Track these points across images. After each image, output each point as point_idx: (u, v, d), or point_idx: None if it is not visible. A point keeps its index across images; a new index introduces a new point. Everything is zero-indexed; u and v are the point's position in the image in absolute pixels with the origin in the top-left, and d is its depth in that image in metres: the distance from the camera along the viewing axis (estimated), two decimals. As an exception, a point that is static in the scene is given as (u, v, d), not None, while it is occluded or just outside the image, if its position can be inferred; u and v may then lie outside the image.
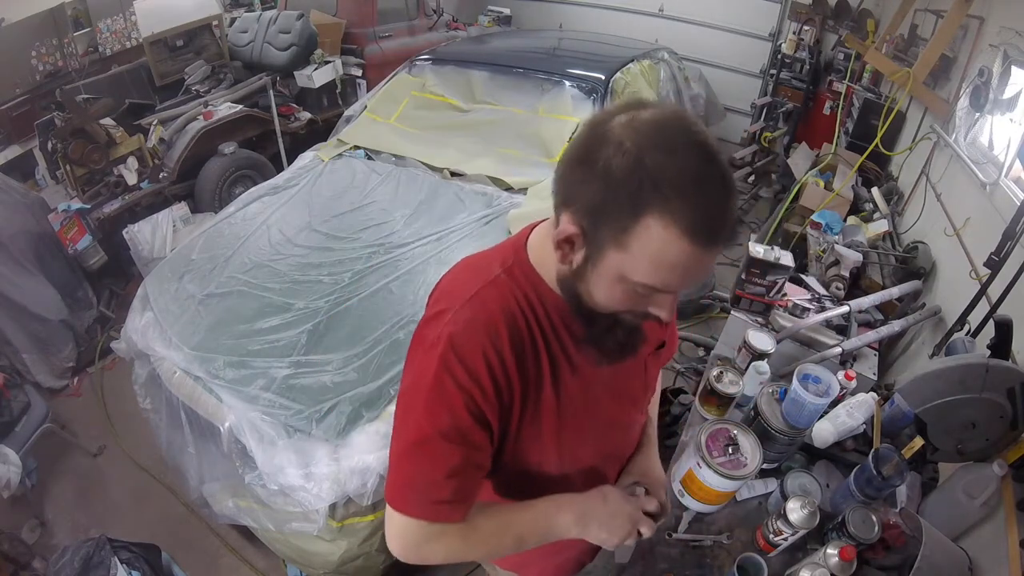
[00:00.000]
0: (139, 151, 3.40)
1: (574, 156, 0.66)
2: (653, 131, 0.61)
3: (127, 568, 1.73)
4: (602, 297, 0.69)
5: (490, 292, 0.75)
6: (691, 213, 0.59)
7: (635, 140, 0.60)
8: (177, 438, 1.99)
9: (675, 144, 0.60)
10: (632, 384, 0.93)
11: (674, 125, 0.62)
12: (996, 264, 1.73)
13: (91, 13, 3.66)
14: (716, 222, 0.61)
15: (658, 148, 0.59)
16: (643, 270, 0.63)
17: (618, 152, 0.60)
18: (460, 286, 0.77)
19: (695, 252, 0.61)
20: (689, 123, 0.62)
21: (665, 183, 0.58)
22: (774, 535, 1.23)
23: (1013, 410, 1.32)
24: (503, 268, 0.77)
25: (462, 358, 0.71)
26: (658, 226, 0.59)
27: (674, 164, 0.59)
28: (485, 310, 0.73)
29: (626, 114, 0.63)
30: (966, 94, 2.45)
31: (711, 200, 0.60)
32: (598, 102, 2.91)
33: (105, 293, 3.40)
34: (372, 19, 4.60)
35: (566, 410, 0.81)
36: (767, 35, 4.92)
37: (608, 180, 0.60)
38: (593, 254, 0.66)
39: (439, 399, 0.72)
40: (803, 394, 1.33)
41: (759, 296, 2.07)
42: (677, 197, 0.58)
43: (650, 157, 0.59)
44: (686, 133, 0.61)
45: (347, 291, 2.06)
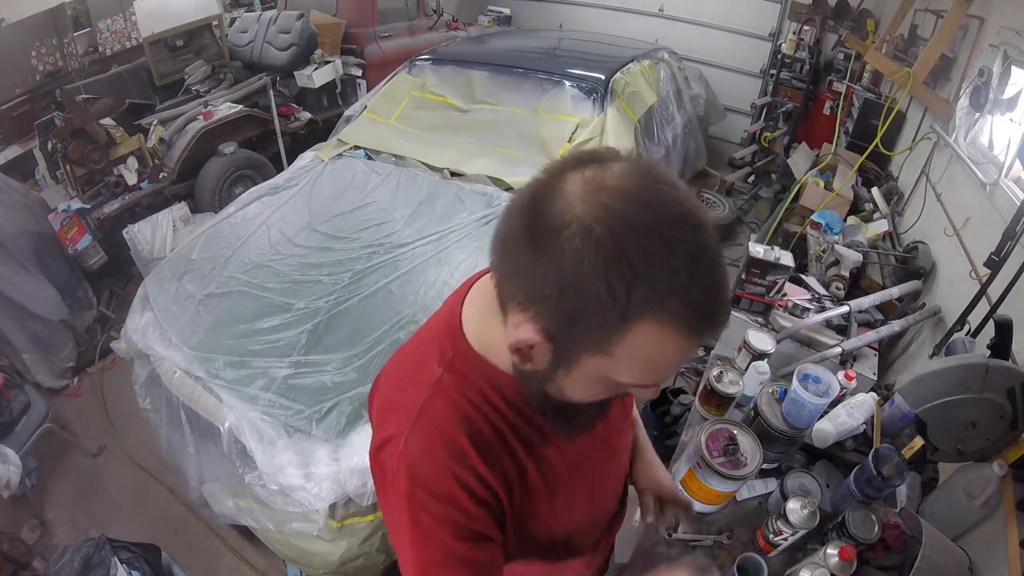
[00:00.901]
0: (139, 151, 3.40)
1: (520, 236, 0.51)
2: (627, 208, 0.48)
3: (127, 568, 1.73)
4: (578, 394, 0.60)
5: (437, 403, 0.65)
6: (688, 309, 0.49)
7: (607, 223, 0.47)
8: (177, 438, 1.99)
9: (659, 223, 0.48)
10: (614, 438, 0.87)
11: (650, 195, 0.50)
12: (996, 264, 1.73)
13: (91, 13, 3.66)
14: (714, 309, 0.52)
15: (639, 233, 0.47)
16: (631, 373, 0.54)
17: (587, 240, 0.47)
18: (402, 397, 0.68)
19: (690, 345, 0.53)
20: (666, 188, 0.51)
21: (657, 281, 0.47)
22: (774, 535, 1.23)
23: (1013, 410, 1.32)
24: (442, 365, 0.66)
25: (431, 491, 0.62)
26: (651, 331, 0.49)
27: (663, 252, 0.48)
28: (437, 429, 0.64)
29: (581, 175, 0.50)
30: (966, 94, 2.45)
31: (708, 287, 0.50)
32: (598, 102, 2.91)
33: (105, 293, 3.40)
34: (372, 19, 4.60)
35: (555, 482, 0.74)
36: (767, 35, 4.92)
37: (582, 281, 0.48)
38: (566, 360, 0.55)
39: (423, 538, 0.64)
40: (803, 394, 1.33)
41: (759, 296, 2.07)
42: (672, 295, 0.48)
43: (632, 248, 0.47)
44: (667, 204, 0.50)
45: (347, 291, 2.06)
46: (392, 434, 0.66)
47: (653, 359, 0.53)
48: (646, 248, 0.47)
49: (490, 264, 0.58)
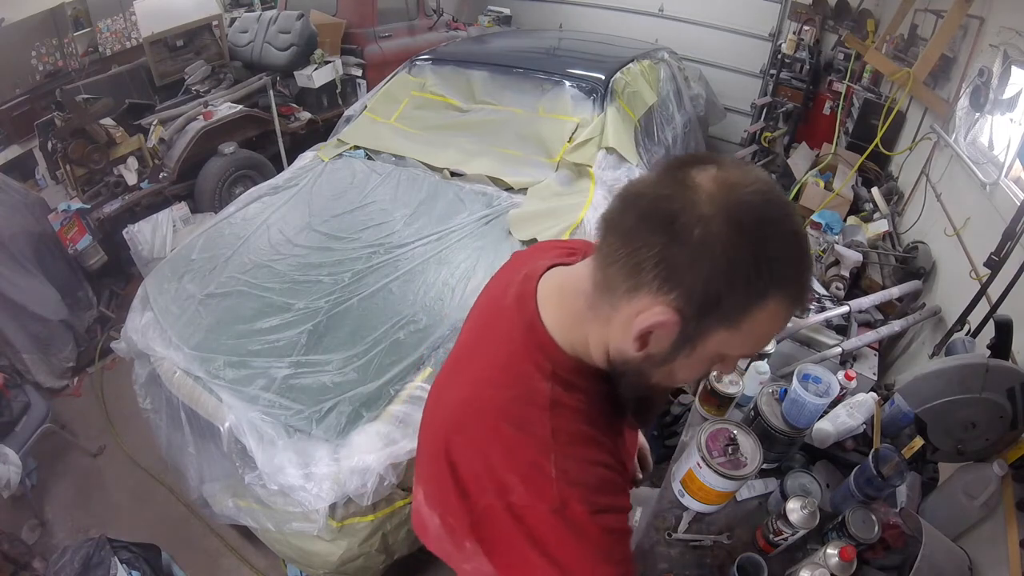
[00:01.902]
0: (139, 151, 3.40)
1: (656, 227, 0.56)
2: (761, 202, 0.57)
3: (127, 568, 1.73)
4: (686, 375, 0.66)
5: (562, 418, 0.65)
6: (800, 292, 0.60)
7: (750, 215, 0.55)
8: (177, 438, 1.99)
9: (783, 216, 0.58)
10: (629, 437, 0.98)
11: (770, 193, 0.58)
12: (996, 264, 1.73)
13: (91, 13, 3.66)
14: (809, 288, 0.65)
15: (773, 224, 0.56)
16: (746, 345, 0.62)
17: (734, 230, 0.54)
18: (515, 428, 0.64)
19: (787, 320, 0.62)
20: (786, 206, 0.60)
21: (785, 266, 0.57)
22: (774, 535, 1.23)
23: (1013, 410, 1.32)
24: (547, 379, 0.66)
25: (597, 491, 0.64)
26: (775, 307, 0.58)
27: (790, 240, 0.58)
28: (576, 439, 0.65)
29: (708, 173, 0.57)
30: (966, 94, 2.45)
31: (809, 269, 0.62)
32: (598, 102, 2.91)
33: (105, 293, 3.40)
34: (372, 19, 4.60)
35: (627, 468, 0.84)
36: (767, 35, 4.92)
37: (730, 265, 0.54)
38: (692, 339, 0.60)
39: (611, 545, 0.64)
40: (803, 394, 1.33)
41: (759, 296, 2.07)
42: (794, 280, 0.59)
43: (770, 237, 0.56)
44: (779, 199, 0.59)
45: (347, 291, 2.06)
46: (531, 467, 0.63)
47: (768, 331, 0.61)
48: (779, 237, 0.57)
49: (602, 260, 0.61)
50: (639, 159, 2.98)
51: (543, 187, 2.58)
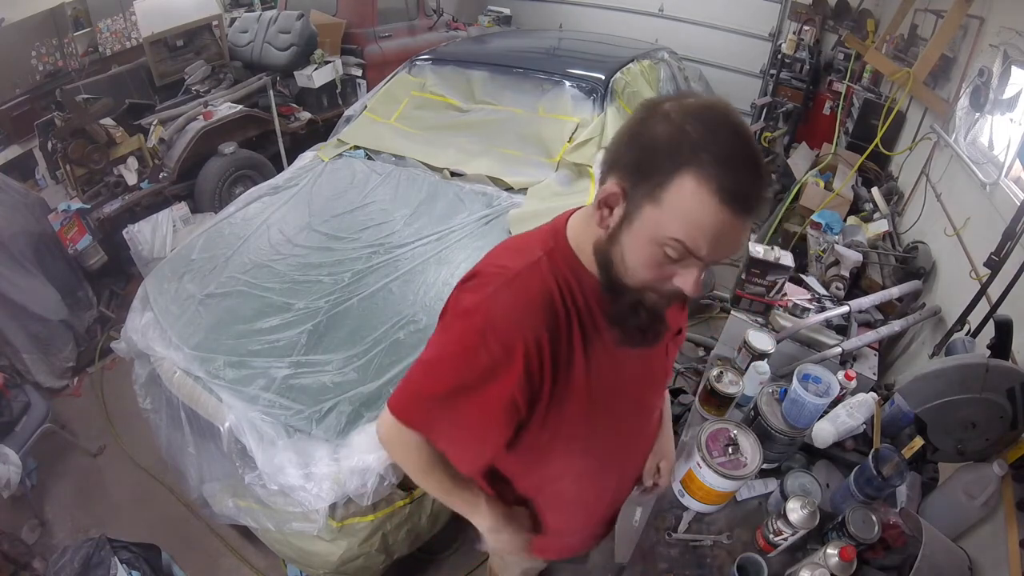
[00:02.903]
0: (139, 151, 3.40)
1: (625, 130, 0.72)
2: (698, 108, 0.67)
3: (127, 568, 1.73)
4: (633, 259, 0.72)
5: (532, 274, 0.78)
6: (723, 177, 0.64)
7: (680, 112, 0.66)
8: (177, 438, 1.99)
9: (716, 121, 0.66)
10: (655, 368, 0.98)
11: (718, 108, 0.68)
12: (996, 264, 1.73)
13: (91, 13, 3.66)
14: (746, 190, 0.65)
15: (700, 121, 0.65)
16: (675, 225, 0.67)
17: (663, 120, 0.67)
18: (505, 261, 0.81)
19: (724, 215, 0.65)
20: (731, 111, 0.68)
21: (702, 147, 0.64)
22: (774, 535, 1.23)
23: (1013, 410, 1.32)
24: (544, 251, 0.81)
25: (500, 336, 0.75)
26: (692, 183, 0.64)
27: (713, 135, 0.65)
28: (526, 292, 0.77)
29: (677, 99, 0.70)
30: (966, 94, 2.45)
31: (743, 171, 0.65)
32: (598, 102, 2.91)
33: (105, 293, 3.39)
34: (372, 19, 4.60)
35: (596, 390, 0.85)
36: (767, 35, 4.92)
37: (652, 143, 0.67)
38: (631, 212, 0.70)
39: (461, 360, 0.77)
40: (803, 394, 1.33)
41: (759, 296, 2.07)
42: (712, 162, 0.64)
43: (692, 126, 0.65)
44: (727, 116, 0.67)
45: (347, 291, 2.06)
46: (486, 277, 0.80)
47: (692, 212, 0.65)
48: (702, 130, 0.65)
49: (601, 162, 0.75)
50: (639, 159, 2.98)
51: (543, 187, 2.58)
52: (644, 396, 0.99)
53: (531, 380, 0.78)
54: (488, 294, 0.77)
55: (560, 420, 0.85)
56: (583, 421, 0.87)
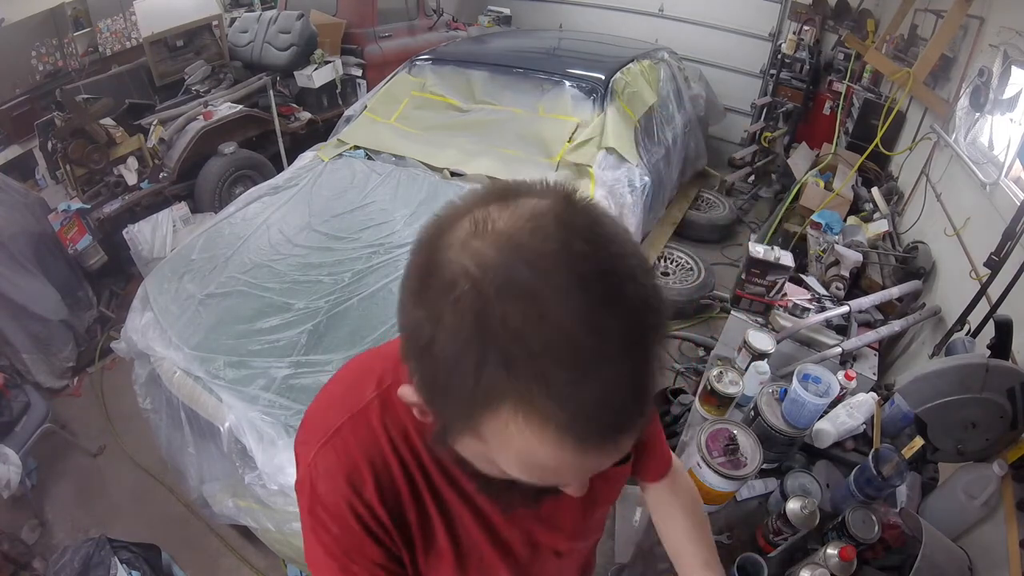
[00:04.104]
0: (139, 151, 3.40)
1: (408, 284, 0.45)
2: (505, 259, 0.38)
3: (127, 568, 1.73)
4: (485, 469, 0.51)
5: (355, 429, 0.60)
6: (562, 409, 0.38)
7: (474, 278, 0.38)
8: (177, 438, 1.99)
9: (542, 283, 0.37)
10: (563, 515, 0.73)
11: (543, 246, 0.38)
12: (996, 264, 1.73)
13: (91, 13, 3.66)
14: (605, 415, 0.39)
15: (510, 292, 0.37)
16: (512, 465, 0.45)
17: (451, 297, 0.39)
18: (328, 409, 0.64)
19: (577, 455, 0.41)
20: (574, 232, 0.39)
21: (518, 363, 0.37)
22: (774, 535, 1.23)
23: (1013, 410, 1.32)
24: (378, 390, 0.61)
25: (329, 512, 0.60)
26: (515, 424, 0.40)
27: (534, 324, 0.37)
28: (346, 457, 0.59)
29: (472, 216, 0.41)
30: (966, 94, 2.45)
31: (597, 387, 0.38)
32: (598, 102, 2.91)
33: (105, 293, 3.40)
34: (372, 19, 4.60)
35: (469, 556, 0.68)
36: (767, 35, 4.92)
37: (442, 348, 0.40)
38: (447, 431, 0.46)
39: (323, 554, 0.61)
40: (803, 394, 1.33)
41: (759, 296, 2.07)
42: (537, 386, 0.37)
43: (497, 310, 0.37)
44: (563, 256, 0.38)
45: (347, 291, 2.06)
46: (308, 432, 0.63)
47: (528, 457, 0.42)
48: (513, 316, 0.37)
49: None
50: (639, 159, 2.99)
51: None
52: (549, 542, 0.74)
53: (384, 544, 0.62)
54: (307, 464, 0.61)
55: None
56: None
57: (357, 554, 0.61)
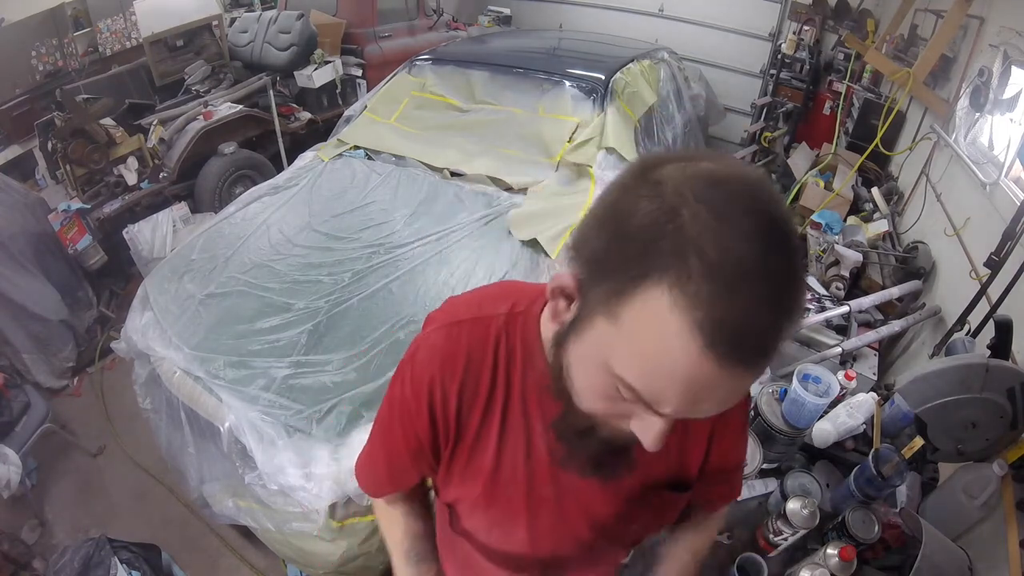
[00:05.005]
0: (139, 151, 3.40)
1: (601, 199, 0.49)
2: (711, 179, 0.44)
3: (127, 568, 1.73)
4: (580, 380, 0.54)
5: (475, 328, 0.68)
6: (712, 304, 0.40)
7: (679, 183, 0.44)
8: (177, 438, 1.99)
9: (734, 206, 0.42)
10: (598, 507, 0.73)
11: (744, 183, 0.44)
12: (996, 264, 1.73)
13: (91, 13, 3.66)
14: (746, 329, 0.41)
15: (707, 201, 0.42)
16: (629, 361, 0.46)
17: (652, 191, 0.44)
18: (464, 305, 0.72)
19: (703, 361, 0.42)
20: (763, 189, 0.45)
21: (694, 247, 0.41)
22: (774, 535, 1.23)
23: (1013, 410, 1.32)
24: (509, 309, 0.68)
25: (413, 378, 0.69)
26: (663, 303, 0.42)
27: (718, 229, 0.41)
28: (455, 343, 0.68)
29: (685, 160, 0.47)
30: (966, 94, 2.45)
31: (750, 298, 0.41)
32: (598, 102, 2.91)
33: (105, 293, 3.40)
34: (372, 19, 4.59)
35: (502, 488, 0.71)
36: (767, 35, 4.92)
37: (624, 224, 0.44)
38: (582, 317, 0.50)
39: (388, 402, 0.75)
40: (803, 394, 1.33)
41: (759, 296, 2.07)
42: (703, 275, 0.40)
43: (690, 209, 0.42)
44: (755, 199, 0.43)
45: (347, 291, 2.06)
46: (436, 319, 0.72)
47: (654, 348, 0.44)
48: (704, 207, 0.42)
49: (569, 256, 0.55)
50: (639, 159, 2.98)
51: (543, 187, 2.58)
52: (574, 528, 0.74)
53: (436, 427, 0.69)
54: (425, 335, 0.71)
55: (461, 493, 0.74)
56: (483, 511, 0.75)
57: (409, 420, 0.70)
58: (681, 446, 0.72)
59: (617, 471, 0.63)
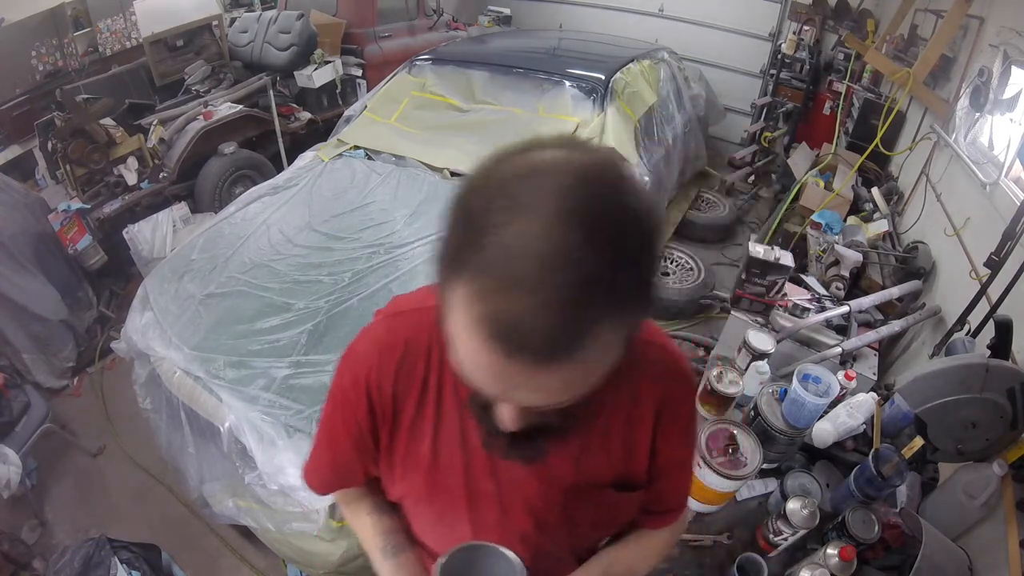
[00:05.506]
0: (139, 151, 3.40)
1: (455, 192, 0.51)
2: (523, 174, 0.44)
3: (127, 568, 1.73)
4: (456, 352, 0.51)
5: (410, 320, 0.70)
6: (490, 299, 0.42)
7: (501, 179, 0.45)
8: (177, 438, 1.99)
9: (533, 202, 0.42)
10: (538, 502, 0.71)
11: (559, 176, 0.43)
12: (996, 264, 1.73)
13: (91, 13, 3.66)
14: (523, 325, 0.41)
15: (510, 198, 0.43)
16: (453, 350, 0.48)
17: (482, 186, 0.45)
18: (407, 298, 0.75)
19: (489, 354, 0.43)
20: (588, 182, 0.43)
21: (489, 244, 0.41)
22: (774, 535, 1.24)
23: (1013, 410, 1.32)
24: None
25: (352, 368, 0.71)
26: (460, 295, 0.44)
27: (510, 226, 0.41)
28: (391, 335, 0.70)
29: (523, 152, 0.47)
30: (966, 94, 2.45)
31: (525, 294, 0.40)
32: (598, 102, 2.91)
33: (105, 293, 3.39)
34: (372, 19, 4.60)
35: (441, 478, 0.71)
36: (767, 35, 4.92)
37: (455, 217, 0.46)
38: (438, 305, 0.50)
39: (330, 396, 0.75)
40: (803, 394, 1.33)
41: (759, 296, 2.07)
42: (485, 270, 0.42)
43: (497, 204, 0.43)
44: (565, 193, 0.42)
45: (347, 291, 2.06)
46: (378, 314, 0.75)
47: (458, 342, 0.46)
48: (507, 200, 0.42)
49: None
50: (639, 159, 2.99)
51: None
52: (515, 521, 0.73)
53: (373, 414, 0.70)
54: (365, 328, 0.73)
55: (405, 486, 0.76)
56: (427, 503, 0.76)
57: (349, 408, 0.72)
58: (626, 444, 0.71)
59: (536, 453, 0.63)
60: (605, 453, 0.70)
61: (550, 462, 0.67)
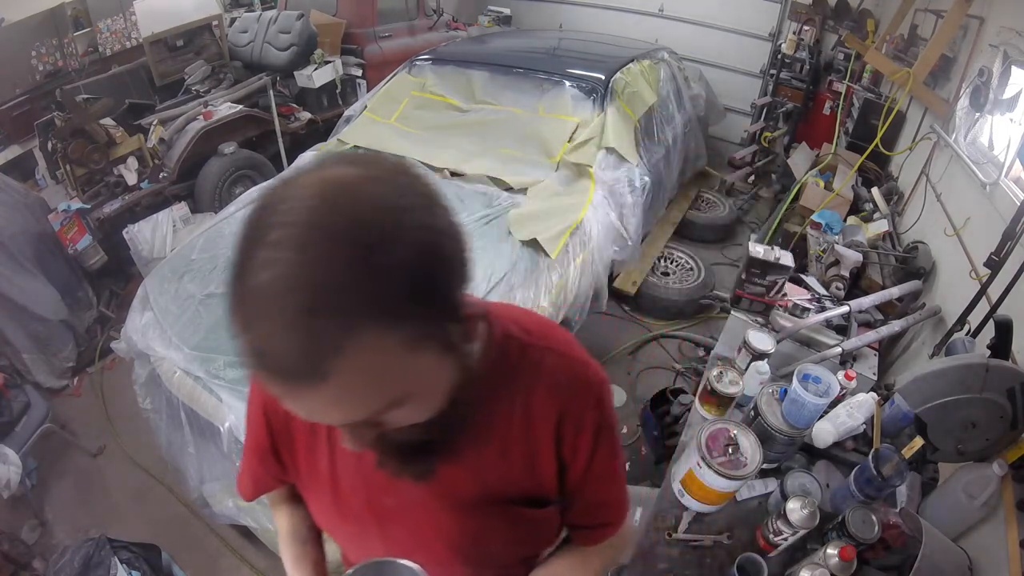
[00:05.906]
0: (139, 151, 3.40)
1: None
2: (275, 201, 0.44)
3: (127, 568, 1.73)
4: None
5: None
6: (246, 332, 0.43)
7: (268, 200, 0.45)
8: (177, 438, 1.99)
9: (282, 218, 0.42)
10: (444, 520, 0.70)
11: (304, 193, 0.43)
12: (996, 264, 1.73)
13: (91, 13, 3.66)
14: (265, 352, 0.43)
15: (258, 228, 0.43)
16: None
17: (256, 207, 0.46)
18: None
19: (265, 381, 0.45)
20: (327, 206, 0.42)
21: (238, 276, 0.43)
22: (774, 535, 1.23)
23: (1013, 410, 1.32)
24: None
25: (253, 388, 0.74)
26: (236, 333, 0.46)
27: (258, 252, 0.42)
28: None
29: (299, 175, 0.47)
30: (966, 94, 2.45)
31: (267, 318, 0.41)
32: (598, 102, 2.91)
33: (105, 293, 3.39)
34: (372, 19, 4.60)
35: (345, 496, 0.71)
36: (767, 35, 4.92)
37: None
38: None
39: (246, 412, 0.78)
40: (803, 394, 1.33)
41: (759, 296, 2.07)
42: (239, 305, 0.44)
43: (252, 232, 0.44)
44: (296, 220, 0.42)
45: (347, 291, 2.06)
46: None
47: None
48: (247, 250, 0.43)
49: None
50: (639, 159, 2.99)
51: (543, 187, 2.58)
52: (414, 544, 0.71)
53: (271, 428, 0.73)
54: None
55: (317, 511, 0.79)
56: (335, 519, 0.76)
57: (251, 423, 0.75)
58: (527, 458, 0.67)
59: (425, 468, 0.63)
60: (505, 467, 0.67)
61: (447, 478, 0.65)
